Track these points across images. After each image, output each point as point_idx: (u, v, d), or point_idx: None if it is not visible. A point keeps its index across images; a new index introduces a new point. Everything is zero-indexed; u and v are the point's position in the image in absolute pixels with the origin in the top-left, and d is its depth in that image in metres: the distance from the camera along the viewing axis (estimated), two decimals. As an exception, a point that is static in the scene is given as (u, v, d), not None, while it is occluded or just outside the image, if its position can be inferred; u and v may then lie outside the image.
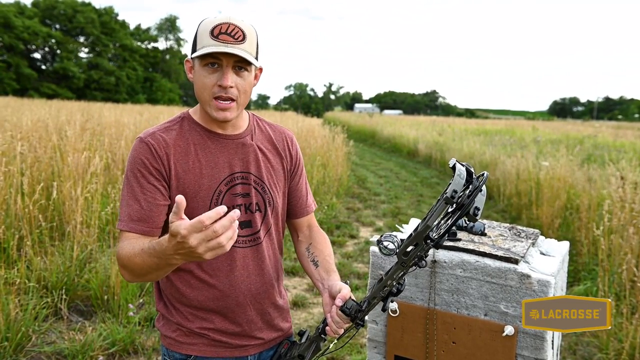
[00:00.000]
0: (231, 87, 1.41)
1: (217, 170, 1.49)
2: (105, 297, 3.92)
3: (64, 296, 3.83)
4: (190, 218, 1.43)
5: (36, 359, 3.36)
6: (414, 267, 1.29)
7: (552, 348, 1.73)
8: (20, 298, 3.66)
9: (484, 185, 1.20)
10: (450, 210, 1.23)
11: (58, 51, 52.84)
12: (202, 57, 1.39)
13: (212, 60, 1.39)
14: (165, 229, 1.49)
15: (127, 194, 1.44)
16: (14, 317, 3.39)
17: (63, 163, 5.42)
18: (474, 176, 1.22)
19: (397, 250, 1.27)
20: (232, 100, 1.43)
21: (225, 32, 1.38)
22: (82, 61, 54.53)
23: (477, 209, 1.17)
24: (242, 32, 1.40)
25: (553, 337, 1.72)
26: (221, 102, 1.42)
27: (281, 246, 1.68)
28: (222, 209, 1.08)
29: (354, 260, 5.83)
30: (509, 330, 1.67)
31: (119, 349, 3.48)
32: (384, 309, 1.34)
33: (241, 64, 1.42)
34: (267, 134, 1.63)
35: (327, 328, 1.42)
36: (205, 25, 1.41)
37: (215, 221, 1.07)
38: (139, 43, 61.18)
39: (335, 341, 1.46)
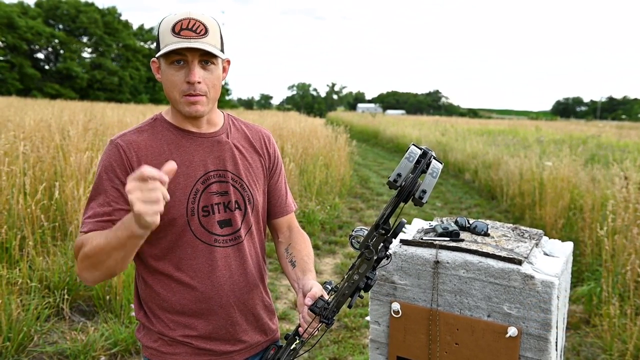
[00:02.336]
0: (199, 82, 1.38)
1: (192, 169, 1.46)
2: (107, 297, 3.92)
3: (66, 296, 3.83)
4: (168, 219, 1.42)
5: (38, 359, 3.36)
6: (379, 262, 1.25)
7: (556, 349, 1.72)
8: (22, 298, 3.66)
9: (436, 168, 1.16)
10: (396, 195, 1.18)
11: (61, 51, 52.91)
12: (167, 55, 1.37)
13: (177, 58, 1.37)
14: None
15: (94, 197, 1.42)
16: (16, 317, 3.39)
17: (65, 163, 5.42)
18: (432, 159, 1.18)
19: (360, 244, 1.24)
20: (201, 95, 1.41)
21: (187, 27, 1.36)
22: (85, 61, 54.60)
23: (424, 191, 1.13)
24: (204, 25, 1.38)
25: (557, 338, 1.71)
26: (191, 97, 1.40)
27: (263, 246, 1.66)
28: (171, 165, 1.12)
29: (356, 260, 5.82)
30: (512, 331, 1.66)
31: (121, 349, 3.48)
32: (349, 306, 1.30)
33: (207, 58, 1.39)
34: (243, 132, 1.61)
35: (300, 328, 1.39)
36: (166, 23, 1.38)
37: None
38: (142, 43, 61.21)
39: (298, 341, 1.40)
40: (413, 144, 1.18)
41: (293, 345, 1.42)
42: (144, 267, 1.50)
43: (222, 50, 1.43)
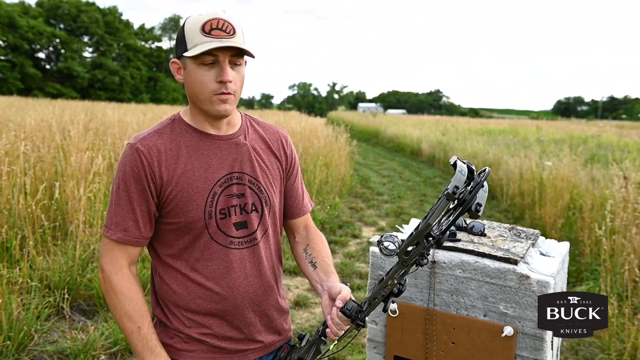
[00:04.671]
0: (230, 81, 1.39)
1: (210, 171, 1.47)
2: (108, 296, 3.92)
3: (66, 295, 3.84)
4: (186, 222, 1.45)
5: (38, 358, 3.37)
6: (415, 267, 1.28)
7: (552, 349, 1.73)
8: (22, 297, 3.67)
9: (485, 182, 1.19)
10: (451, 207, 1.22)
11: (62, 51, 53.00)
12: (198, 55, 1.36)
13: (210, 59, 1.37)
14: (158, 237, 1.50)
15: (116, 201, 1.44)
16: (17, 316, 3.40)
17: (66, 163, 5.44)
18: (475, 173, 1.21)
19: (398, 250, 1.26)
20: (231, 94, 1.41)
21: (217, 27, 1.36)
22: (86, 61, 54.69)
23: (479, 205, 1.16)
24: (232, 26, 1.38)
25: (552, 338, 1.72)
26: (223, 95, 1.40)
27: (279, 247, 1.66)
28: None
29: (356, 260, 5.83)
30: (508, 330, 1.67)
31: (121, 349, 3.49)
32: (384, 310, 1.33)
33: (236, 59, 1.40)
34: (260, 134, 1.61)
35: (328, 330, 1.40)
36: (192, 23, 1.38)
37: None
38: (142, 43, 61.29)
39: (336, 342, 1.45)
40: (457, 159, 1.21)
41: (328, 352, 1.45)
42: (160, 264, 1.52)
43: None
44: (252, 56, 1.42)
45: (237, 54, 1.40)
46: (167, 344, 1.52)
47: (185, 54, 1.38)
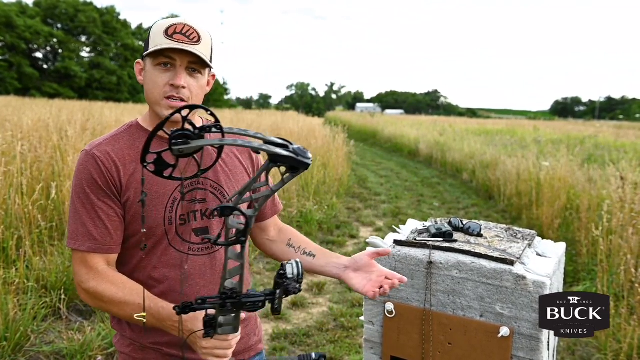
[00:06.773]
0: (183, 87, 1.37)
1: None
2: (105, 296, 3.92)
3: (63, 296, 3.83)
4: (147, 228, 1.40)
5: (35, 359, 3.37)
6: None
7: (548, 349, 1.73)
8: (19, 298, 3.67)
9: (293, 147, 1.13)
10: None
11: (60, 50, 52.86)
12: (155, 56, 1.36)
13: (165, 60, 1.36)
14: (130, 243, 1.44)
15: (79, 211, 1.37)
16: (13, 316, 3.40)
17: (63, 163, 5.42)
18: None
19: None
20: (183, 101, 1.38)
21: (180, 32, 1.35)
22: (84, 60, 54.56)
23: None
24: (197, 33, 1.37)
25: (549, 338, 1.72)
26: (172, 100, 1.37)
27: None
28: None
29: (353, 260, 5.83)
30: (504, 331, 1.67)
31: (118, 349, 3.49)
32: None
33: (195, 66, 1.39)
34: None
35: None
36: (159, 25, 1.37)
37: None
38: (140, 43, 61.10)
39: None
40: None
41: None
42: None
43: (210, 62, 1.43)
44: (206, 68, 1.41)
45: (197, 62, 1.38)
46: (124, 352, 1.50)
47: (144, 53, 1.38)
